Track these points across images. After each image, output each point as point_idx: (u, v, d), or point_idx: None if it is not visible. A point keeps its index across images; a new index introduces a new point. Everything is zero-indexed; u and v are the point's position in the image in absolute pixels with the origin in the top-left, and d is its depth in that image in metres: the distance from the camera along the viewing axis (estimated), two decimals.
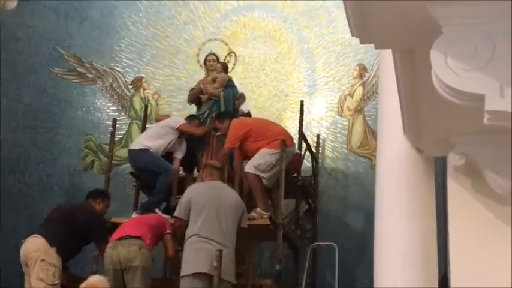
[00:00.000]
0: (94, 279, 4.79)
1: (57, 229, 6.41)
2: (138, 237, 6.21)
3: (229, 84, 8.79)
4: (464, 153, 3.75)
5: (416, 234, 5.08)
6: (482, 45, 2.71)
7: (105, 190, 7.60)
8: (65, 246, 6.34)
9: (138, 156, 7.96)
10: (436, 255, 5.13)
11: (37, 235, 6.34)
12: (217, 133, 8.17)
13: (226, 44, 9.83)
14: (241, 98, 8.85)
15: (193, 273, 5.94)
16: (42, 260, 6.18)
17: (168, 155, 8.16)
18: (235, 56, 9.49)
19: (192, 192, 6.47)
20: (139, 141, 8.12)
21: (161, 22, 10.47)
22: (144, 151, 7.87)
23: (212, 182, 6.63)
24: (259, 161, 7.46)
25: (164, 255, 7.11)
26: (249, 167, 7.49)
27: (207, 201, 6.27)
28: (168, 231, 6.57)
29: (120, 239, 6.24)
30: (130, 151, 8.17)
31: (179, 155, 8.21)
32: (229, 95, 8.68)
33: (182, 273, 6.06)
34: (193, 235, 6.15)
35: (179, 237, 6.39)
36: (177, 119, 8.47)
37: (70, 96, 9.75)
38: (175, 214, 6.43)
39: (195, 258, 5.95)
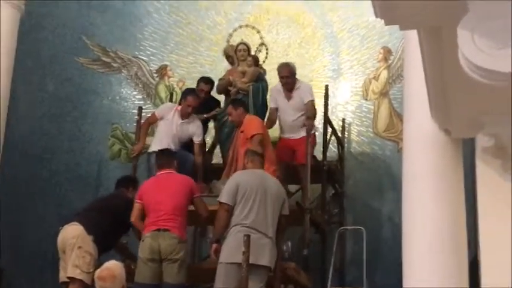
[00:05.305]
0: (109, 264, 4.79)
1: (95, 217, 6.41)
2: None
3: (259, 78, 8.58)
4: (493, 134, 3.68)
5: (445, 216, 5.03)
6: (510, 22, 2.64)
7: (135, 178, 7.58)
8: (102, 235, 6.33)
9: None
10: (465, 238, 5.07)
11: (75, 223, 6.32)
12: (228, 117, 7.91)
13: (259, 32, 9.56)
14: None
15: (234, 263, 5.92)
16: (79, 247, 6.18)
17: None
18: (267, 48, 9.27)
19: (239, 179, 6.31)
20: None
21: (183, 8, 10.42)
22: None
23: (256, 170, 6.49)
24: None
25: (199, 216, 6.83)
26: None
27: (254, 191, 6.15)
28: (196, 194, 6.57)
29: (159, 230, 6.24)
30: None
31: (196, 138, 8.03)
32: (258, 89, 8.47)
33: (221, 260, 6.02)
34: (237, 224, 6.06)
35: (222, 225, 6.14)
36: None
37: (96, 85, 9.77)
38: (221, 200, 6.20)
39: (238, 247, 5.83)
